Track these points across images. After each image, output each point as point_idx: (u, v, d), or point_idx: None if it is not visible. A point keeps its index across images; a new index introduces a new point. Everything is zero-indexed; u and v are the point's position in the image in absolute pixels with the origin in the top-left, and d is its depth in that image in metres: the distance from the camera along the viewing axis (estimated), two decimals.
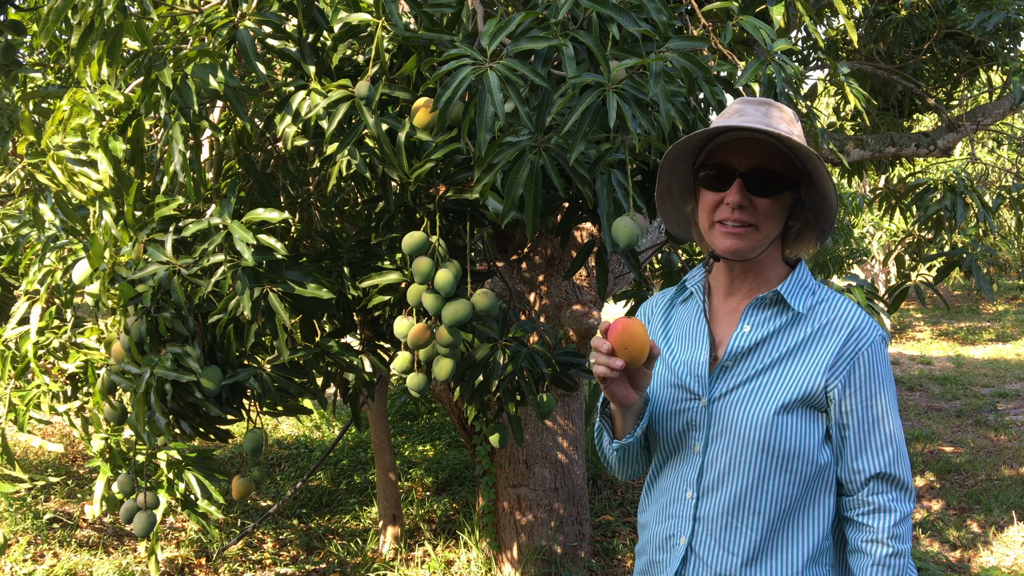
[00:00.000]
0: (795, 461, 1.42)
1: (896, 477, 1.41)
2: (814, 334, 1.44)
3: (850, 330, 1.42)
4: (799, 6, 2.36)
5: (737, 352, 1.47)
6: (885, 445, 1.41)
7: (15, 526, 4.64)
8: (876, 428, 1.41)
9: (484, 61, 1.84)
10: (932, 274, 3.97)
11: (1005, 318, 12.84)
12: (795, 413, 1.41)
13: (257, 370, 2.36)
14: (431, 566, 4.25)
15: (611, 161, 1.97)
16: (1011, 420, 6.91)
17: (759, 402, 1.43)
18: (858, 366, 1.41)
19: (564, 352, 2.46)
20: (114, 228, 2.28)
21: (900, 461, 1.42)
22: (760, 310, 1.48)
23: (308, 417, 6.89)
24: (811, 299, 1.47)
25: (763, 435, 1.42)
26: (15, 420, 3.04)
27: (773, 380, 1.43)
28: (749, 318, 1.48)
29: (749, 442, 1.43)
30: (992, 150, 11.29)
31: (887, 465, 1.41)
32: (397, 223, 2.40)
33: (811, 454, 1.43)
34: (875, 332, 1.42)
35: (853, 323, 1.43)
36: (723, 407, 1.47)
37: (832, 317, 1.44)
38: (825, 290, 1.50)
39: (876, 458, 1.41)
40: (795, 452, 1.41)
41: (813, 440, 1.43)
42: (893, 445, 1.42)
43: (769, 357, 1.45)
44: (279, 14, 2.16)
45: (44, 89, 3.05)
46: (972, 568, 4.22)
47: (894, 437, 1.42)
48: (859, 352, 1.41)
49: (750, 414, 1.43)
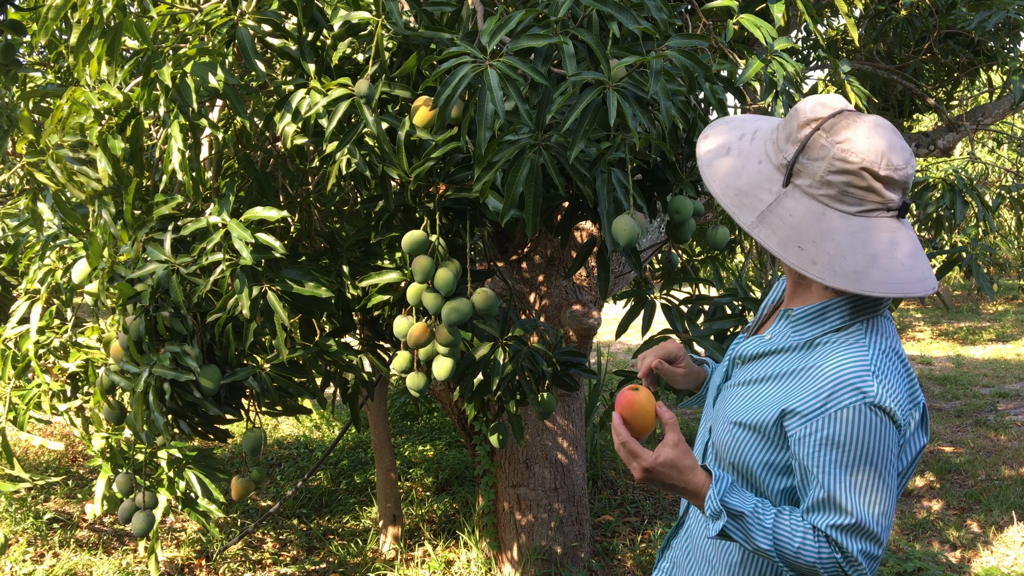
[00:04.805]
0: (748, 482, 1.43)
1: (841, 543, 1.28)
2: (799, 371, 1.34)
3: (829, 383, 1.28)
4: (800, 4, 2.36)
5: (743, 355, 1.49)
6: (837, 512, 1.28)
7: (15, 526, 4.64)
8: (831, 492, 1.28)
9: (484, 59, 1.84)
10: None
11: (1005, 318, 12.83)
12: (749, 433, 1.39)
13: (256, 369, 2.35)
14: (431, 566, 4.25)
15: (611, 159, 1.96)
16: (1011, 420, 6.90)
17: (730, 407, 1.45)
18: (826, 424, 1.27)
19: (565, 352, 2.46)
20: (113, 227, 2.27)
21: (855, 532, 1.27)
22: (783, 323, 1.43)
23: (308, 417, 6.89)
24: (822, 336, 1.35)
25: (722, 438, 1.45)
26: (15, 419, 3.04)
27: (749, 394, 1.43)
28: (775, 327, 1.45)
29: (718, 438, 1.47)
30: (992, 150, 11.29)
31: (836, 529, 1.28)
32: (397, 222, 2.40)
33: (764, 482, 1.40)
34: (855, 396, 1.26)
35: (836, 378, 1.28)
36: (724, 397, 1.51)
37: (823, 363, 1.31)
38: (853, 333, 1.34)
39: (823, 518, 1.29)
40: (746, 472, 1.42)
41: (765, 469, 1.39)
42: (848, 517, 1.27)
43: (764, 371, 1.42)
44: (279, 12, 2.16)
45: (43, 88, 3.05)
46: (972, 568, 4.22)
47: (851, 510, 1.26)
48: (828, 411, 1.27)
49: (723, 413, 1.47)
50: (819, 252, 1.28)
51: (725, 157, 1.40)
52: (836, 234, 1.28)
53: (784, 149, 1.34)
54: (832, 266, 1.28)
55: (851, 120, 1.30)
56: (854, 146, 1.27)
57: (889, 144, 1.28)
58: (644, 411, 1.40)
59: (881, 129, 1.30)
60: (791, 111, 1.37)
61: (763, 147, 1.39)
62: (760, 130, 1.44)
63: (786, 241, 1.30)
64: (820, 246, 1.28)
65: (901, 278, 1.28)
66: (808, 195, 1.31)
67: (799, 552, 1.30)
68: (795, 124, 1.33)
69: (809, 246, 1.28)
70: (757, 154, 1.39)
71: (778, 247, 1.31)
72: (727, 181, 1.38)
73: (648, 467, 1.35)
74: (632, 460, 1.36)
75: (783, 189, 1.32)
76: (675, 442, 1.35)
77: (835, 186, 1.28)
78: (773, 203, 1.32)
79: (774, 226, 1.31)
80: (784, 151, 1.34)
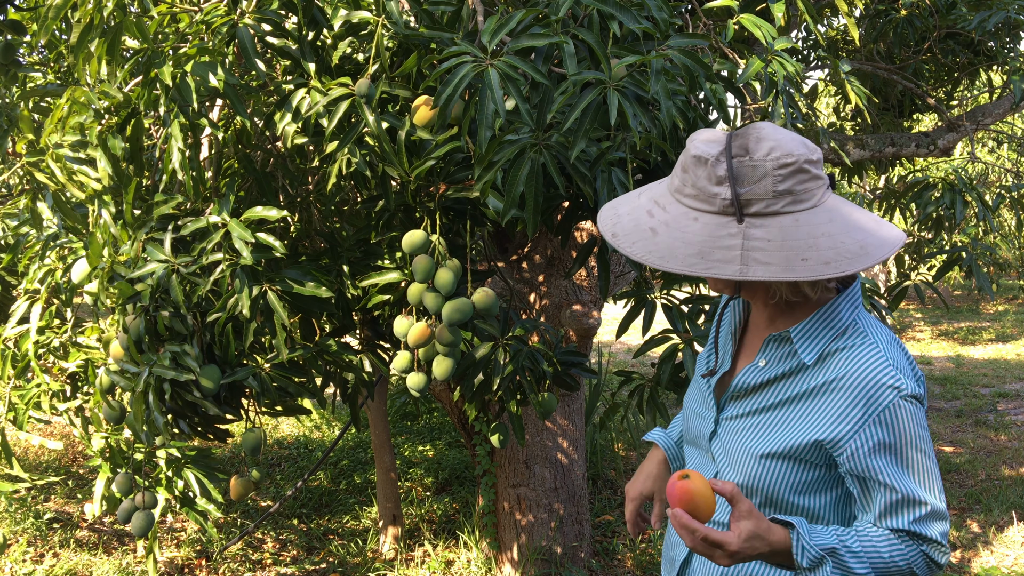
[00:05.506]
0: (775, 506, 1.40)
1: (925, 533, 1.32)
2: (821, 387, 1.34)
3: (862, 391, 1.30)
4: (800, 4, 2.36)
5: (745, 387, 1.44)
6: (913, 506, 1.31)
7: (15, 526, 4.64)
8: (902, 491, 1.31)
9: (484, 58, 1.84)
10: (932, 274, 3.97)
11: (1005, 318, 12.83)
12: (781, 462, 1.37)
13: (256, 369, 2.35)
14: (431, 566, 4.25)
15: (612, 159, 1.96)
16: (1011, 420, 6.90)
17: (752, 439, 1.41)
18: (874, 430, 1.30)
19: (565, 352, 2.46)
20: (113, 227, 2.27)
21: (931, 518, 1.32)
22: (777, 346, 1.40)
23: (308, 417, 6.88)
24: (830, 345, 1.35)
25: (750, 471, 1.40)
26: (15, 419, 3.04)
27: (769, 423, 1.39)
28: (766, 352, 1.42)
29: (742, 472, 1.41)
30: (992, 150, 11.29)
31: (916, 523, 1.32)
32: (397, 222, 2.40)
33: (793, 503, 1.39)
34: (891, 394, 1.29)
35: (866, 383, 1.30)
36: (728, 430, 1.46)
37: (844, 372, 1.32)
38: (857, 333, 1.36)
39: (902, 518, 1.32)
40: (774, 499, 1.39)
41: (795, 490, 1.38)
42: (924, 507, 1.31)
43: (776, 397, 1.39)
44: (279, 12, 2.15)
45: (43, 88, 3.04)
46: (972, 568, 4.22)
47: (924, 499, 1.31)
48: (872, 416, 1.29)
49: (745, 447, 1.41)
50: (822, 251, 1.25)
51: (656, 237, 1.32)
52: (819, 228, 1.26)
53: (714, 194, 1.28)
54: (843, 254, 1.25)
55: (751, 132, 1.28)
56: (782, 148, 1.25)
57: (791, 132, 1.30)
58: (704, 497, 1.27)
59: (774, 127, 1.30)
60: (686, 161, 1.31)
61: (682, 208, 1.32)
62: (653, 199, 1.37)
63: (787, 263, 1.24)
64: (818, 245, 1.25)
65: (884, 234, 1.30)
66: (770, 214, 1.26)
67: (891, 561, 1.31)
68: (705, 168, 1.28)
69: (810, 253, 1.25)
70: (683, 217, 1.31)
71: (784, 272, 1.24)
72: (680, 254, 1.29)
73: (736, 549, 1.24)
74: (715, 550, 1.25)
75: (741, 226, 1.27)
76: (748, 510, 1.26)
77: (791, 191, 1.26)
78: (744, 243, 1.26)
79: (763, 260, 1.25)
80: (716, 195, 1.27)
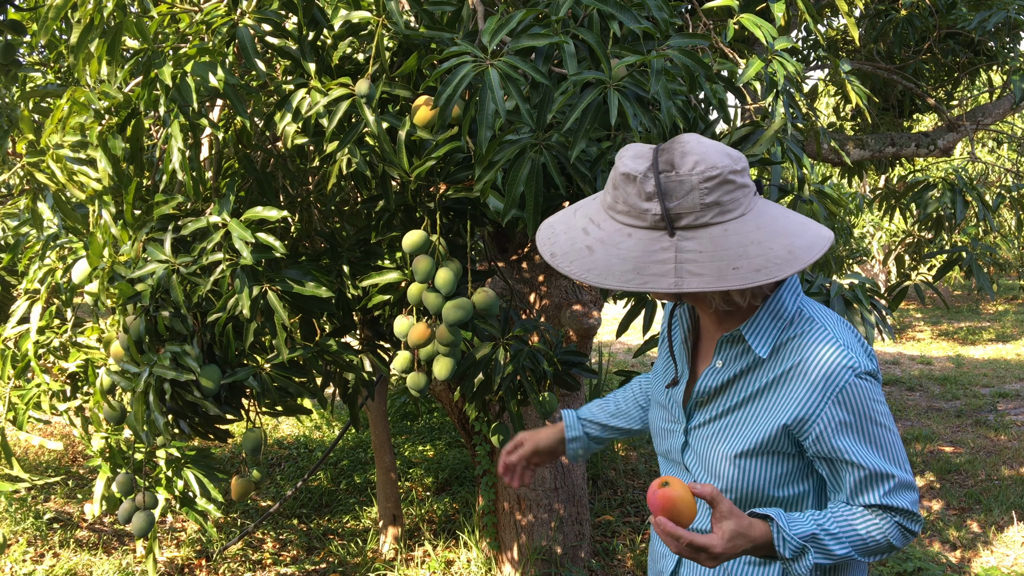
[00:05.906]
0: (757, 502, 1.42)
1: (896, 505, 1.36)
2: (779, 378, 1.38)
3: (819, 374, 1.34)
4: (800, 4, 2.36)
5: (707, 391, 1.47)
6: (881, 481, 1.35)
7: (15, 526, 4.64)
8: (869, 467, 1.35)
9: (485, 58, 1.84)
10: (932, 274, 3.97)
11: (1005, 318, 12.84)
12: (755, 458, 1.40)
13: (256, 369, 2.35)
14: (431, 566, 4.25)
15: (612, 159, 1.96)
16: (1011, 420, 6.90)
17: (723, 442, 1.44)
18: (835, 410, 1.33)
19: (565, 351, 2.46)
20: (113, 227, 2.27)
21: (900, 489, 1.36)
22: (731, 346, 1.44)
23: (308, 417, 6.88)
24: (781, 336, 1.39)
25: (726, 474, 1.42)
26: (15, 419, 3.04)
27: (736, 422, 1.42)
28: (721, 353, 1.45)
29: (719, 476, 1.44)
30: (992, 150, 11.29)
31: (886, 496, 1.36)
32: (397, 222, 2.40)
33: (773, 497, 1.42)
34: (848, 374, 1.33)
35: (822, 366, 1.34)
36: (698, 438, 1.49)
37: (799, 359, 1.36)
38: (804, 320, 1.40)
39: (872, 494, 1.36)
40: (755, 496, 1.42)
41: (774, 484, 1.42)
42: (892, 479, 1.35)
43: (739, 396, 1.43)
44: (279, 12, 2.15)
45: (43, 88, 3.04)
46: (972, 568, 4.22)
47: (891, 472, 1.35)
48: (831, 397, 1.33)
49: (717, 451, 1.44)
50: (752, 259, 1.26)
51: (592, 255, 1.33)
52: (748, 236, 1.27)
53: (644, 210, 1.29)
54: (772, 260, 1.26)
55: (676, 147, 1.29)
56: (706, 161, 1.26)
57: (715, 144, 1.30)
58: (685, 502, 1.28)
59: (697, 139, 1.30)
60: (616, 178, 1.32)
61: (615, 225, 1.33)
62: (588, 217, 1.38)
63: (720, 273, 1.26)
64: (748, 254, 1.26)
65: (811, 237, 1.31)
66: (700, 226, 1.27)
67: (868, 536, 1.35)
68: (635, 185, 1.29)
69: (741, 261, 1.25)
70: (617, 233, 1.32)
71: (717, 282, 1.26)
72: (616, 271, 1.30)
73: (721, 551, 1.26)
74: (699, 554, 1.27)
75: (673, 240, 1.28)
76: (728, 510, 1.29)
77: (718, 203, 1.26)
78: (676, 255, 1.27)
79: (696, 272, 1.26)
80: (646, 211, 1.28)
